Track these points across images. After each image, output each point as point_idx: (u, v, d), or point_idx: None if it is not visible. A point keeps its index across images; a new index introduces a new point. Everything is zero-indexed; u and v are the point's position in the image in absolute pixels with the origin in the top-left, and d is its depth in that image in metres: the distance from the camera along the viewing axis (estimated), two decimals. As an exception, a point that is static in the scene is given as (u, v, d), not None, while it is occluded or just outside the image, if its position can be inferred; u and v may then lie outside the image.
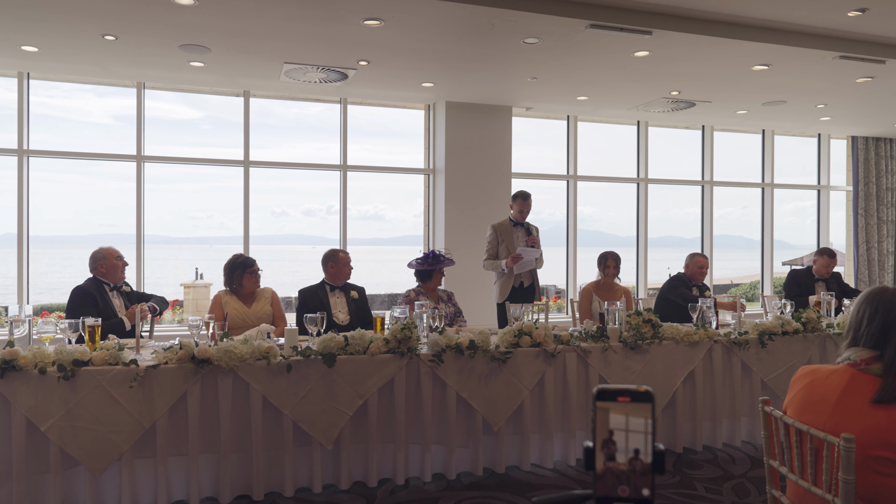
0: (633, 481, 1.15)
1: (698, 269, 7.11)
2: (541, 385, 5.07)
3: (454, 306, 6.44)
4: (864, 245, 12.66)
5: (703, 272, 7.13)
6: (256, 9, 6.23)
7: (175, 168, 9.65)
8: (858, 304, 2.57)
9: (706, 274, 7.17)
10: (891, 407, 2.31)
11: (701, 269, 7.11)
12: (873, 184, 12.68)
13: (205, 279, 11.33)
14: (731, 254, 15.96)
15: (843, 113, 10.74)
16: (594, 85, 9.00)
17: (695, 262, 7.15)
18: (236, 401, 4.42)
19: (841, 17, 6.93)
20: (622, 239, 12.36)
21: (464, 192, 10.00)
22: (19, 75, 8.50)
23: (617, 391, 1.15)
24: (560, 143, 11.18)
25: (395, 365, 4.70)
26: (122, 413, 4.13)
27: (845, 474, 2.26)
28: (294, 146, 10.44)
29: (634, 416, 1.14)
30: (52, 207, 10.73)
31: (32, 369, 4.02)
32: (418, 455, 4.87)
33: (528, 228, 7.13)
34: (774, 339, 5.77)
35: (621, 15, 6.72)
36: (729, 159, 12.26)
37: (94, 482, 4.16)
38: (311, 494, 4.59)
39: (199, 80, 8.74)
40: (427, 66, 8.15)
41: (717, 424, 5.64)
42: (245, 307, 5.69)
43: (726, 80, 8.72)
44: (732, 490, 4.80)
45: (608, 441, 1.15)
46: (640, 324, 5.32)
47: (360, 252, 10.69)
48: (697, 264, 7.13)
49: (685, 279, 7.12)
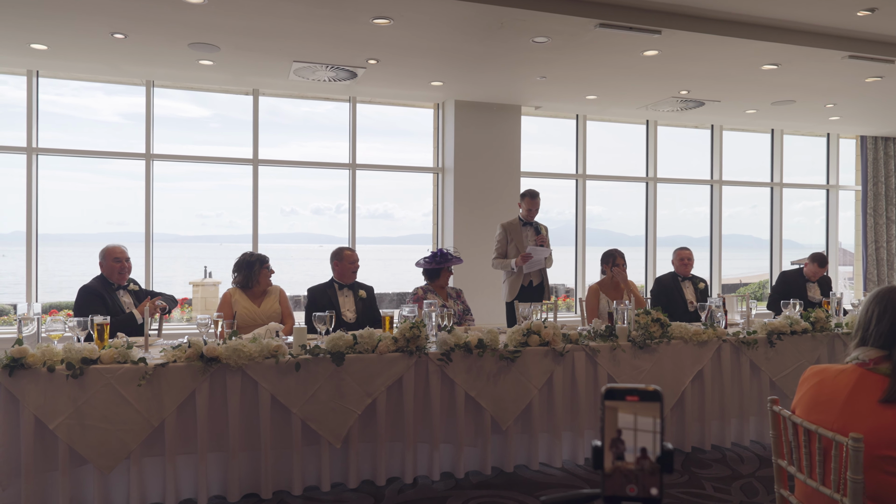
0: (641, 480, 1.14)
1: (679, 262, 7.15)
2: (549, 384, 5.07)
3: (463, 304, 6.44)
4: (872, 244, 12.61)
5: (685, 263, 7.13)
6: (265, 7, 6.24)
7: (184, 166, 9.68)
8: (867, 304, 2.56)
9: (689, 265, 7.14)
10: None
11: (682, 262, 7.13)
12: (882, 183, 12.63)
13: (214, 277, 11.34)
14: (741, 253, 15.93)
15: (852, 112, 10.70)
16: (603, 84, 8.98)
17: (676, 256, 7.22)
18: (245, 399, 4.42)
19: (850, 16, 6.90)
20: (631, 238, 12.34)
21: (472, 190, 10.00)
22: (28, 73, 8.53)
23: (626, 390, 1.15)
24: (569, 142, 11.17)
25: (404, 364, 4.70)
26: (130, 411, 4.14)
27: (854, 474, 2.26)
28: (303, 145, 10.43)
29: (643, 415, 1.14)
30: (61, 205, 10.77)
31: (41, 367, 4.03)
32: (427, 454, 4.87)
33: (538, 228, 7.12)
34: (783, 338, 5.76)
35: (630, 14, 6.70)
36: (738, 158, 12.24)
37: (102, 480, 4.18)
38: (320, 493, 4.60)
39: (208, 78, 8.76)
40: (436, 65, 8.14)
41: (725, 424, 5.63)
42: (255, 305, 5.70)
43: (735, 80, 8.70)
44: (741, 489, 4.79)
45: (617, 440, 1.15)
46: (648, 323, 5.31)
47: (369, 250, 10.68)
48: (678, 257, 7.18)
49: (666, 279, 7.14)
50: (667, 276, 7.21)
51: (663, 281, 7.18)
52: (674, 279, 7.12)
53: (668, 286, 7.09)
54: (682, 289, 7.07)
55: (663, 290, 7.09)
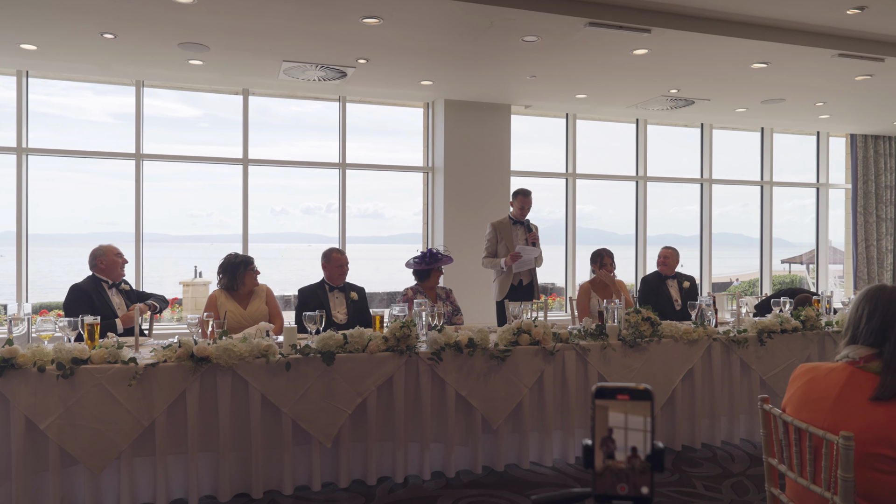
0: (632, 479, 1.15)
1: (662, 261, 7.17)
2: (540, 383, 5.07)
3: (452, 304, 6.44)
4: (863, 243, 12.66)
5: (667, 262, 7.13)
6: (255, 7, 6.23)
7: (174, 166, 9.65)
8: (857, 302, 2.57)
9: (672, 264, 7.13)
10: (890, 404, 2.31)
11: (664, 260, 7.14)
12: (872, 181, 12.68)
13: (204, 277, 11.32)
14: (731, 252, 15.95)
15: (842, 111, 10.74)
16: (593, 83, 8.99)
17: (658, 256, 7.22)
18: (235, 399, 4.41)
19: (840, 14, 6.92)
20: (621, 237, 12.36)
21: (463, 190, 10.00)
22: (18, 73, 8.49)
23: (616, 389, 1.15)
24: (559, 141, 11.18)
25: (394, 363, 4.69)
26: (121, 411, 4.13)
27: (844, 472, 2.26)
28: (293, 144, 10.39)
29: (633, 414, 1.15)
30: (51, 205, 10.69)
31: (31, 367, 4.01)
32: (417, 453, 4.87)
33: (528, 227, 7.12)
34: (773, 337, 5.77)
35: (620, 13, 6.71)
36: (728, 157, 12.27)
37: (93, 480, 4.16)
38: (310, 492, 4.59)
39: (197, 78, 8.73)
40: (426, 65, 8.14)
41: (715, 422, 5.65)
42: (241, 308, 5.66)
43: (725, 78, 8.72)
44: (731, 488, 4.80)
45: (607, 439, 1.15)
46: (639, 322, 5.32)
47: (360, 250, 10.67)
48: (660, 256, 7.20)
49: (652, 278, 7.16)
50: (652, 275, 7.22)
51: (649, 280, 7.19)
52: (659, 278, 7.13)
53: (653, 285, 7.10)
54: (667, 288, 7.08)
55: (650, 289, 7.11)
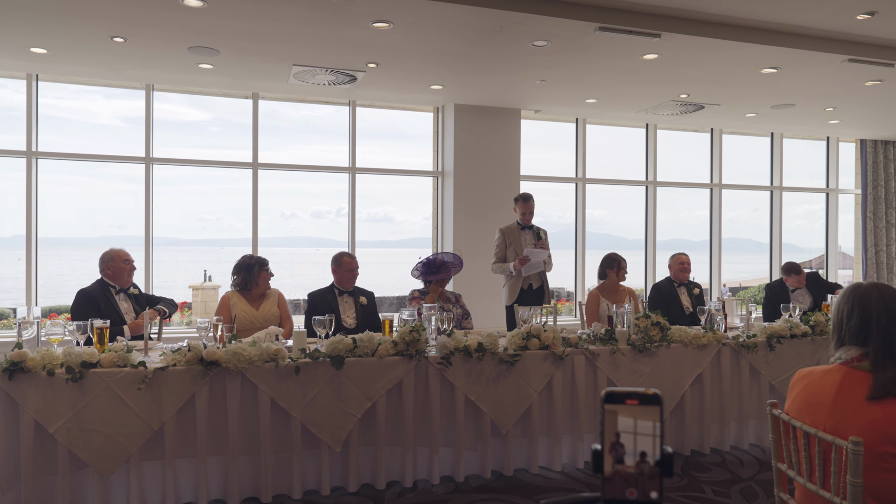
0: (641, 484, 1.14)
1: (679, 267, 7.13)
2: (549, 388, 5.07)
3: (462, 308, 6.43)
4: (872, 248, 12.61)
5: (685, 268, 7.11)
6: (265, 11, 6.25)
7: (184, 170, 9.68)
8: (837, 304, 2.60)
9: (688, 270, 7.13)
10: (886, 401, 2.32)
11: (682, 266, 7.11)
12: (882, 187, 12.63)
13: (213, 281, 11.36)
14: (741, 256, 15.93)
15: (851, 116, 10.71)
16: (603, 88, 8.99)
17: (675, 260, 7.18)
18: (244, 403, 4.42)
19: (850, 20, 6.90)
20: (630, 242, 12.34)
21: (472, 194, 10.00)
22: (28, 77, 8.54)
23: (625, 394, 1.15)
24: (569, 145, 11.18)
25: (404, 367, 4.70)
26: (130, 415, 4.14)
27: (853, 477, 2.25)
28: (303, 148, 10.44)
29: (643, 418, 1.14)
30: (61, 209, 10.76)
31: (41, 371, 4.03)
32: (426, 457, 4.86)
33: (537, 232, 7.11)
34: (783, 342, 5.75)
35: (630, 18, 6.71)
36: (737, 162, 12.24)
37: (102, 484, 4.17)
38: (320, 497, 4.59)
39: (207, 82, 8.76)
40: (436, 69, 8.15)
41: (725, 427, 5.63)
42: (253, 308, 5.70)
43: (735, 83, 8.71)
44: (740, 493, 4.79)
45: (616, 444, 1.15)
46: (648, 326, 5.31)
47: (370, 254, 10.68)
48: (678, 261, 7.15)
49: (664, 285, 7.14)
50: (664, 281, 7.20)
51: (661, 287, 7.17)
52: (670, 285, 7.12)
53: (665, 292, 7.09)
54: (678, 294, 7.07)
55: (661, 296, 7.08)
